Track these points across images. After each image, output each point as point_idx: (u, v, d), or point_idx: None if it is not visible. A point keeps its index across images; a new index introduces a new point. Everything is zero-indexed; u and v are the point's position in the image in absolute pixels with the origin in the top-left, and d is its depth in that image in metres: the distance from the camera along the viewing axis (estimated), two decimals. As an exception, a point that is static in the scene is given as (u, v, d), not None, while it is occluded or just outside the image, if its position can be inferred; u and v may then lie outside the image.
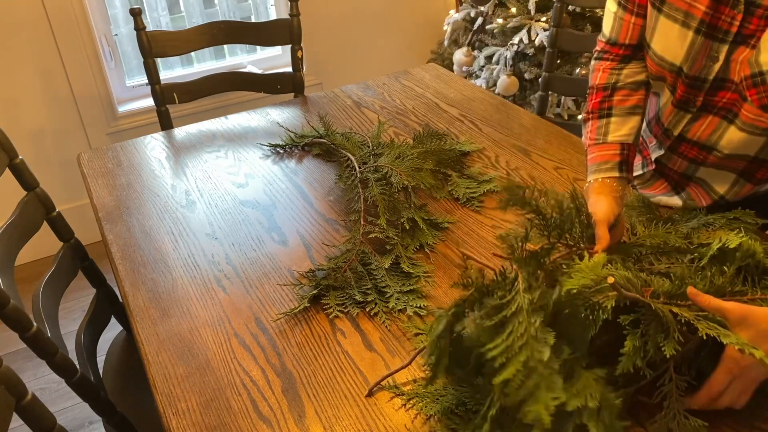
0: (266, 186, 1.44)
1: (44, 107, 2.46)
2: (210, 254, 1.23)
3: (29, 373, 2.09)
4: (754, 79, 0.99)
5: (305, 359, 0.98)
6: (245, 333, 1.04)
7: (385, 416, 0.88)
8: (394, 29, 3.02)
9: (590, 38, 1.88)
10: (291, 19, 1.97)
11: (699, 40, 1.04)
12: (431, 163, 1.39)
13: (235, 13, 2.78)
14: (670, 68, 1.10)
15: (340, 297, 1.08)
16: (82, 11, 2.38)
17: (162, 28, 2.62)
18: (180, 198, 1.42)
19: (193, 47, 2.02)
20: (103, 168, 1.57)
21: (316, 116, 1.74)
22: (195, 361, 0.99)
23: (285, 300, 1.10)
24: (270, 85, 2.09)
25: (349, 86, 1.91)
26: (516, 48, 2.56)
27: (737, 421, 0.84)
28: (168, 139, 1.70)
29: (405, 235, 1.21)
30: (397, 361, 0.97)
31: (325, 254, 1.20)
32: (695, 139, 1.14)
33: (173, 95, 2.00)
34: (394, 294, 1.08)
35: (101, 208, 1.40)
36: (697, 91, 1.09)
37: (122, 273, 1.20)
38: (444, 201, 1.35)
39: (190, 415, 0.91)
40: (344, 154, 1.46)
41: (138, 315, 1.09)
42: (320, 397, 0.92)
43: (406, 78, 1.94)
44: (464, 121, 1.66)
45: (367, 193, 1.27)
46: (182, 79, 2.04)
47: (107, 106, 2.55)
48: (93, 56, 2.46)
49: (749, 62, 0.99)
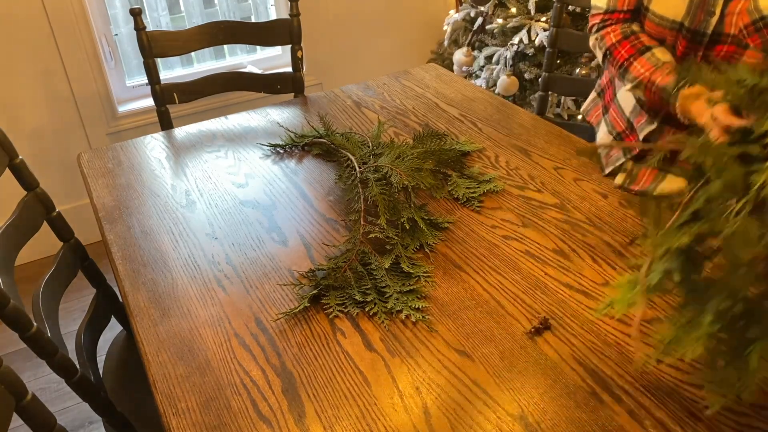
0: (266, 186, 1.44)
1: (44, 107, 2.46)
2: (210, 254, 1.23)
3: (29, 373, 2.08)
4: (756, 24, 1.04)
5: (305, 359, 0.98)
6: (245, 333, 1.04)
7: (385, 416, 0.88)
8: (394, 29, 3.02)
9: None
10: (291, 19, 1.97)
11: None
12: (431, 163, 1.39)
13: (235, 13, 2.78)
14: (671, 26, 1.18)
15: (340, 297, 1.08)
16: (82, 11, 2.38)
17: (162, 28, 2.62)
18: (180, 198, 1.42)
19: (193, 47, 2.02)
20: (103, 168, 1.57)
21: (316, 116, 1.74)
22: (195, 361, 0.99)
23: (285, 300, 1.10)
24: (270, 85, 2.09)
25: (349, 86, 1.91)
26: (516, 48, 2.56)
27: (737, 421, 0.84)
28: (168, 139, 1.70)
29: (405, 235, 1.21)
30: (397, 360, 0.97)
31: (325, 254, 1.20)
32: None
33: (173, 95, 2.00)
34: (394, 294, 1.08)
35: (101, 208, 1.40)
36: (697, 45, 1.16)
37: (122, 273, 1.20)
38: (444, 201, 1.35)
39: (190, 415, 0.91)
40: (344, 154, 1.46)
41: (138, 315, 1.09)
42: (320, 397, 0.92)
43: (406, 78, 1.94)
44: (464, 121, 1.66)
45: (367, 193, 1.27)
46: (182, 79, 2.04)
47: (107, 106, 2.55)
48: (93, 56, 2.46)
49: (748, 11, 1.04)
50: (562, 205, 1.30)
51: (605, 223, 1.23)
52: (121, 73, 2.60)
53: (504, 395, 0.90)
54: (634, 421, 0.85)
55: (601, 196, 1.31)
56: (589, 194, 1.32)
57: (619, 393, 0.89)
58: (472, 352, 0.97)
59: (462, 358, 0.96)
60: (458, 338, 1.00)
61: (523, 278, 1.11)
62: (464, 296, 1.08)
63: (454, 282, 1.12)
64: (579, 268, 1.12)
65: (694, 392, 0.88)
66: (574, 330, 1.00)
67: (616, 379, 0.91)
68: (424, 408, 0.89)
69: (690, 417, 0.85)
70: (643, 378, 0.91)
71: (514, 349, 0.97)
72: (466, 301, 1.07)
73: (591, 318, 1.02)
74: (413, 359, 0.97)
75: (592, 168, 1.41)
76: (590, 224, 1.23)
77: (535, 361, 0.95)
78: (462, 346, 0.98)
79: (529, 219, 1.27)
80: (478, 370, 0.94)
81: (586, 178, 1.38)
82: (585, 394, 0.89)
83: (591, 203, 1.29)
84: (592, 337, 0.98)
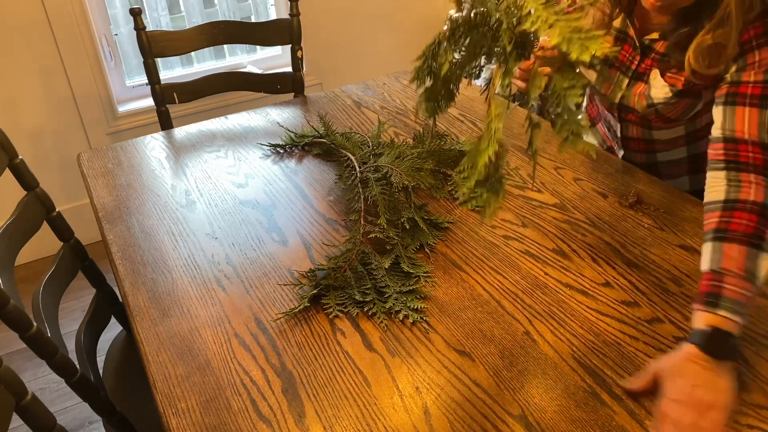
0: (266, 186, 1.44)
1: (44, 107, 2.46)
2: (210, 254, 1.23)
3: (29, 373, 2.08)
4: (651, 108, 1.24)
5: (305, 359, 0.98)
6: (245, 333, 1.04)
7: (385, 416, 0.88)
8: (394, 29, 3.02)
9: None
10: (291, 19, 1.97)
11: (605, 69, 1.28)
12: (431, 163, 1.39)
13: (235, 13, 2.78)
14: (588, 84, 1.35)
15: (340, 297, 1.08)
16: (82, 11, 2.38)
17: (162, 28, 2.62)
18: (180, 198, 1.42)
19: (193, 47, 2.02)
20: (103, 168, 1.57)
21: (316, 116, 1.74)
22: (195, 361, 0.99)
23: (285, 300, 1.10)
24: (270, 85, 2.09)
25: (349, 86, 1.91)
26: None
27: (738, 421, 0.84)
28: (168, 139, 1.70)
29: (405, 234, 1.21)
30: (397, 360, 0.97)
31: (325, 254, 1.20)
32: (635, 136, 1.37)
33: (173, 95, 2.00)
34: (393, 294, 1.08)
35: (101, 208, 1.40)
36: (610, 106, 1.35)
37: (122, 273, 1.20)
38: (444, 201, 1.35)
39: (190, 415, 0.91)
40: (344, 154, 1.46)
41: (138, 315, 1.09)
42: (320, 397, 0.92)
43: (406, 78, 1.94)
44: (464, 121, 1.66)
45: (367, 193, 1.27)
46: (182, 79, 2.04)
47: (107, 106, 2.55)
48: (93, 56, 2.46)
49: (645, 95, 1.23)
50: (562, 205, 1.30)
51: (605, 223, 1.23)
52: (121, 73, 2.60)
53: (504, 395, 0.90)
54: (634, 421, 0.85)
55: (601, 196, 1.31)
56: (589, 194, 1.32)
57: (619, 393, 0.89)
58: (472, 352, 0.97)
59: (462, 358, 0.96)
60: (458, 338, 1.00)
61: (523, 278, 1.11)
62: (464, 296, 1.08)
63: (454, 282, 1.12)
64: (579, 268, 1.12)
65: (694, 392, 0.88)
66: (574, 330, 1.00)
67: (616, 379, 0.91)
68: (424, 408, 0.89)
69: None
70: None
71: (514, 349, 0.97)
72: (466, 301, 1.07)
73: (591, 318, 1.02)
74: (413, 359, 0.97)
75: (592, 168, 1.41)
76: (590, 224, 1.23)
77: (535, 361, 0.95)
78: (462, 346, 0.98)
79: (529, 219, 1.27)
80: (478, 370, 0.94)
81: (586, 178, 1.38)
82: (585, 394, 0.89)
83: (591, 203, 1.29)
84: (592, 337, 0.98)
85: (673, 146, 1.35)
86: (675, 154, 1.36)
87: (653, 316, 1.01)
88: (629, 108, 1.30)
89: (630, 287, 1.07)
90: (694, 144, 1.33)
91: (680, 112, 1.22)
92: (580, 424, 0.85)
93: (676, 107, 1.21)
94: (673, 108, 1.21)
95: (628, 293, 1.06)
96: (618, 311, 1.03)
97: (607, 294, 1.06)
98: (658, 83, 1.20)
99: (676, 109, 1.22)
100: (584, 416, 0.86)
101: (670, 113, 1.23)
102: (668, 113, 1.23)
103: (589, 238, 1.20)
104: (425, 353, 0.98)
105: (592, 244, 1.18)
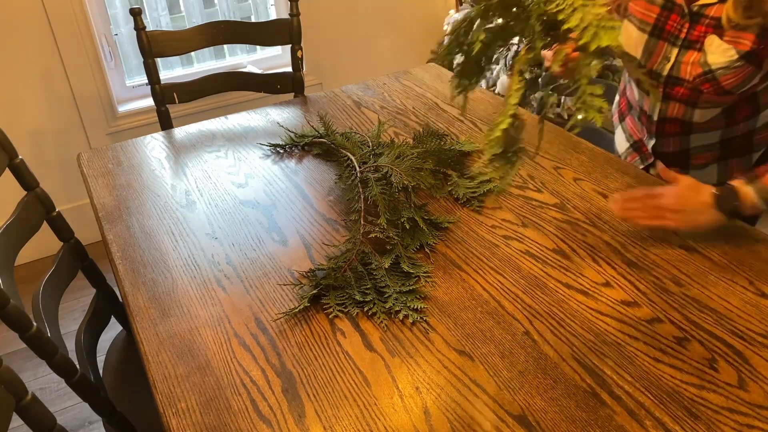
0: (266, 186, 1.44)
1: (44, 107, 2.46)
2: (210, 254, 1.23)
3: (29, 373, 2.08)
4: (706, 75, 1.20)
5: (305, 359, 0.98)
6: (245, 333, 1.04)
7: (385, 416, 0.88)
8: (394, 29, 3.02)
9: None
10: (291, 19, 1.97)
11: (653, 41, 1.26)
12: (431, 163, 1.39)
13: (235, 13, 2.78)
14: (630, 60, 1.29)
15: (340, 297, 1.08)
16: (82, 11, 2.38)
17: (162, 28, 2.62)
18: (180, 198, 1.42)
19: (193, 47, 2.02)
20: (103, 168, 1.57)
21: (316, 116, 1.74)
22: (195, 361, 0.99)
23: (285, 300, 1.10)
24: (270, 85, 2.09)
25: (349, 86, 1.91)
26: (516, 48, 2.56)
27: (737, 421, 0.84)
28: (168, 139, 1.70)
29: (405, 234, 1.21)
30: (397, 360, 0.97)
31: (325, 254, 1.20)
32: (673, 116, 1.32)
33: (173, 95, 2.00)
34: (393, 294, 1.07)
35: (101, 208, 1.40)
36: (656, 82, 1.29)
37: (122, 273, 1.20)
38: (444, 201, 1.35)
39: (190, 415, 0.91)
40: (344, 154, 1.46)
41: (138, 315, 1.09)
42: (320, 397, 0.92)
43: (406, 78, 1.94)
44: (464, 121, 1.66)
45: (367, 193, 1.27)
46: (182, 79, 2.04)
47: (107, 106, 2.55)
48: (93, 56, 2.46)
49: (700, 63, 1.20)
50: (562, 205, 1.30)
51: (605, 223, 1.23)
52: (121, 73, 2.60)
53: (504, 395, 0.90)
54: (634, 421, 0.85)
55: (601, 196, 1.31)
56: (589, 194, 1.32)
57: (619, 393, 0.89)
58: (472, 352, 0.97)
59: (462, 358, 0.96)
60: (458, 338, 1.00)
61: (523, 278, 1.11)
62: (464, 296, 1.08)
63: (454, 282, 1.12)
64: (579, 268, 1.12)
65: (694, 392, 0.88)
66: (574, 330, 1.00)
67: (616, 379, 0.91)
68: (424, 408, 0.89)
69: (690, 417, 0.85)
70: (643, 378, 0.91)
71: (514, 349, 0.97)
72: (466, 301, 1.07)
73: (591, 318, 1.02)
74: (413, 359, 0.97)
75: (592, 168, 1.41)
76: (590, 224, 1.23)
77: (535, 361, 0.95)
78: (462, 346, 0.98)
79: (529, 219, 1.27)
80: (478, 370, 0.94)
81: (586, 178, 1.38)
82: (585, 394, 0.89)
83: (591, 203, 1.29)
84: (592, 337, 0.98)
85: (710, 128, 1.30)
86: (709, 138, 1.32)
87: (653, 316, 1.01)
88: (678, 80, 1.25)
89: (630, 287, 1.07)
90: (731, 128, 1.30)
91: (740, 80, 1.18)
92: (580, 424, 0.85)
93: (737, 74, 1.17)
94: (734, 75, 1.17)
95: (628, 293, 1.06)
96: (618, 311, 1.03)
97: (607, 294, 1.06)
98: (717, 48, 1.17)
99: (737, 76, 1.17)
100: (584, 416, 0.86)
101: (729, 80, 1.18)
102: (727, 80, 1.18)
103: (589, 238, 1.20)
104: (425, 353, 0.98)
105: (592, 244, 1.18)
